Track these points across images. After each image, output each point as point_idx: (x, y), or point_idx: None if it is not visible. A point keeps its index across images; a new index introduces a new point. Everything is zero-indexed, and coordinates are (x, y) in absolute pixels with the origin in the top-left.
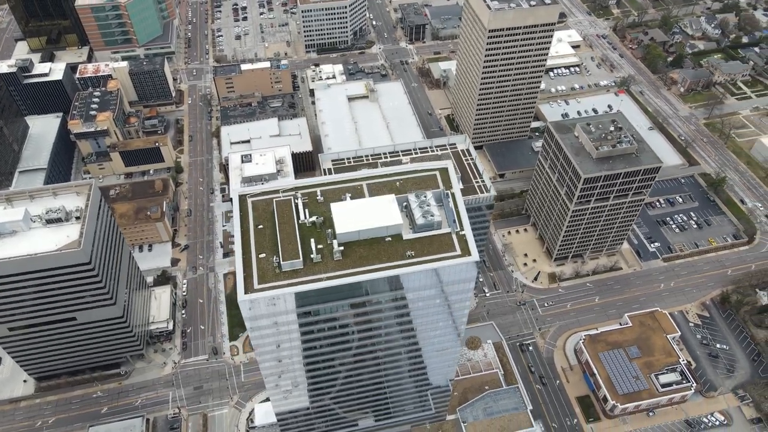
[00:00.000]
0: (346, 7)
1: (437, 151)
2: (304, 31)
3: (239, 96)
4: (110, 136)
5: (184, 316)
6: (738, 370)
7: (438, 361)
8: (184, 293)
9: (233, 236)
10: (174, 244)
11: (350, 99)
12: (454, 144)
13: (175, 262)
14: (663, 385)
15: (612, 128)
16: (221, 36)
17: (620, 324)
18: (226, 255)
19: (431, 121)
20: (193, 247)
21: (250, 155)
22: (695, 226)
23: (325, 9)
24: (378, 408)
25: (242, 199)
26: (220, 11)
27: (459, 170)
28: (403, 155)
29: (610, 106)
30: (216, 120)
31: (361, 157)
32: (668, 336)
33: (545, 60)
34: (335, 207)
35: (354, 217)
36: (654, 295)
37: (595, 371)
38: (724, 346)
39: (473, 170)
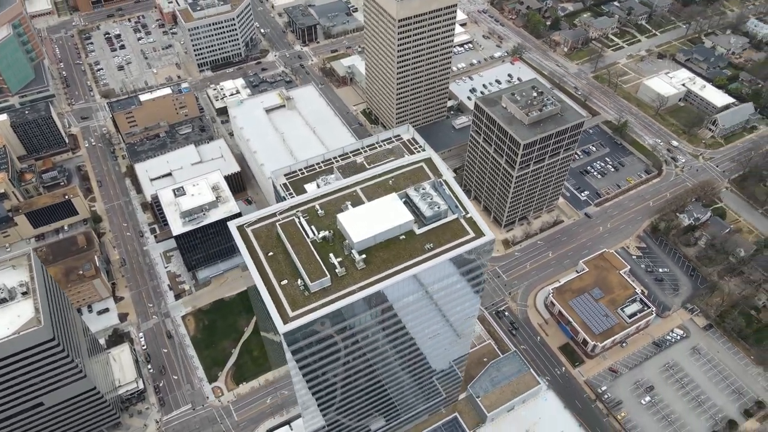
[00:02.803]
0: (233, 18)
1: (385, 144)
2: (194, 50)
3: (143, 129)
4: (9, 199)
5: (151, 371)
6: (681, 287)
7: (457, 345)
8: (144, 347)
9: (180, 276)
10: (116, 299)
11: (268, 111)
12: (399, 135)
13: (123, 317)
14: (629, 316)
15: (534, 94)
16: (101, 69)
17: (577, 271)
18: (177, 296)
19: (350, 119)
20: (138, 297)
21: (182, 187)
22: (612, 169)
23: (213, 24)
24: (400, 404)
25: (241, 230)
26: (91, 44)
27: None
28: (353, 155)
29: (510, 75)
30: (123, 159)
31: (313, 165)
32: (620, 272)
33: (452, 40)
34: (343, 217)
35: (365, 223)
36: (597, 238)
37: (570, 319)
38: (665, 269)
39: None
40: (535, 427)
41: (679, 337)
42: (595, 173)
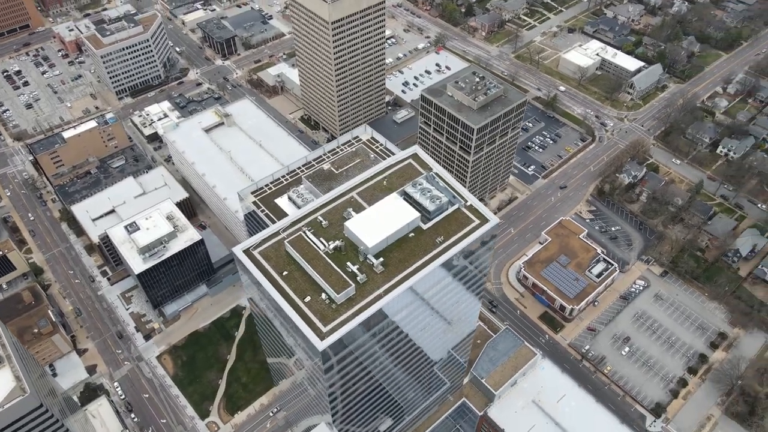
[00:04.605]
0: (148, 40)
1: (347, 147)
2: (110, 77)
3: (72, 168)
4: None
5: (136, 420)
6: (634, 242)
7: (468, 327)
8: (123, 396)
9: (145, 315)
10: (80, 352)
11: (207, 131)
12: (357, 136)
13: (91, 369)
14: (597, 276)
15: (477, 79)
16: (7, 110)
17: (541, 243)
18: (147, 337)
19: (289, 127)
20: (103, 345)
21: (135, 223)
22: (551, 142)
23: (126, 48)
24: (412, 400)
25: (248, 254)
26: None
27: (377, 157)
28: (317, 163)
29: (438, 65)
30: (54, 203)
31: (279, 179)
32: (579, 236)
33: (384, 36)
34: (351, 225)
35: (375, 227)
36: (551, 209)
37: (544, 288)
38: (617, 227)
39: (388, 154)
40: (540, 396)
41: (641, 288)
42: (536, 147)
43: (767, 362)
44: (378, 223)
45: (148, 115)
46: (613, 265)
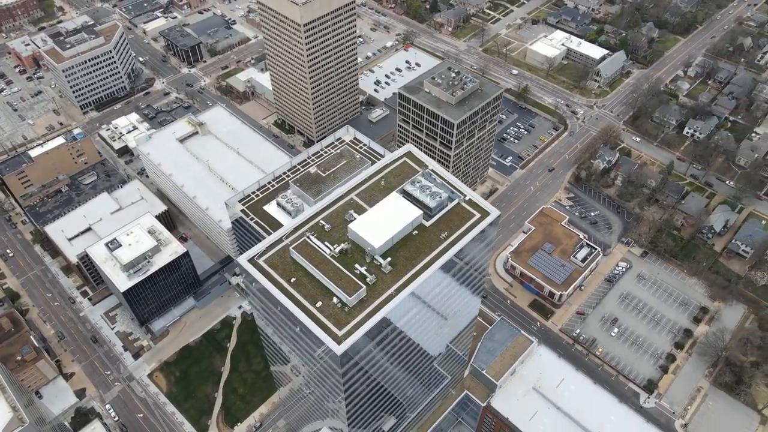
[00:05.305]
0: (111, 51)
1: (331, 150)
2: (73, 91)
3: (41, 187)
4: None
5: None
6: (613, 225)
7: (469, 320)
8: (116, 418)
9: (132, 333)
10: (66, 377)
11: (182, 141)
12: (340, 138)
13: (80, 393)
14: (582, 261)
15: (453, 74)
16: None
17: (524, 232)
18: (136, 355)
19: (264, 132)
20: (90, 368)
21: (116, 239)
22: (525, 132)
23: (89, 60)
24: (416, 398)
25: (254, 263)
26: None
27: (363, 158)
28: (303, 167)
29: (408, 62)
30: (24, 224)
31: (265, 185)
32: (561, 223)
33: (356, 36)
34: (355, 226)
35: (379, 227)
36: (531, 198)
37: (533, 277)
38: (596, 212)
39: (373, 153)
40: (540, 382)
41: (624, 270)
42: (511, 138)
43: (748, 332)
44: (382, 224)
45: (116, 128)
46: (596, 249)
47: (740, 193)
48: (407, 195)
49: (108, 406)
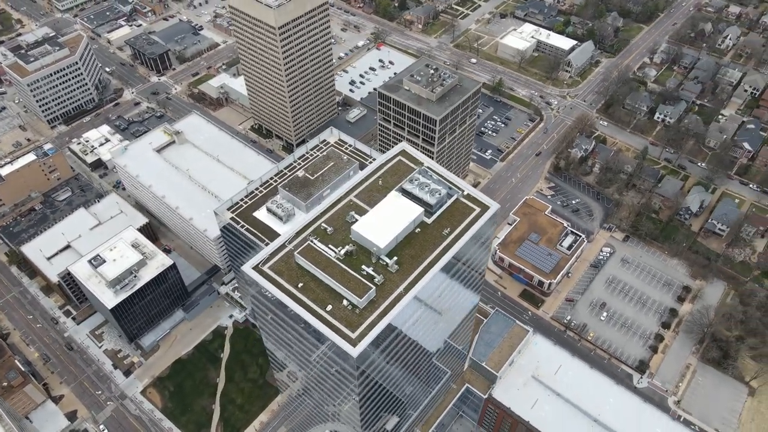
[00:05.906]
0: (77, 62)
1: (316, 152)
2: (40, 106)
3: (13, 206)
4: None
5: None
6: (594, 212)
7: (469, 315)
8: None
9: (121, 351)
10: (55, 400)
11: (159, 151)
12: (325, 140)
13: (71, 415)
14: (568, 248)
15: (431, 71)
16: None
17: (509, 223)
18: (127, 373)
19: (242, 138)
20: (80, 389)
21: (99, 256)
22: (503, 125)
23: (55, 73)
24: (421, 394)
25: (259, 271)
26: None
27: (350, 158)
28: (289, 171)
29: (381, 60)
30: None
31: (253, 191)
32: (545, 213)
33: (330, 37)
34: (359, 228)
35: (381, 227)
36: (514, 190)
37: (521, 267)
38: (577, 200)
39: (359, 154)
40: (538, 370)
41: (608, 255)
42: (489, 132)
43: (730, 308)
44: (384, 223)
45: (87, 141)
46: (580, 236)
47: (712, 173)
48: (407, 193)
49: (102, 426)
